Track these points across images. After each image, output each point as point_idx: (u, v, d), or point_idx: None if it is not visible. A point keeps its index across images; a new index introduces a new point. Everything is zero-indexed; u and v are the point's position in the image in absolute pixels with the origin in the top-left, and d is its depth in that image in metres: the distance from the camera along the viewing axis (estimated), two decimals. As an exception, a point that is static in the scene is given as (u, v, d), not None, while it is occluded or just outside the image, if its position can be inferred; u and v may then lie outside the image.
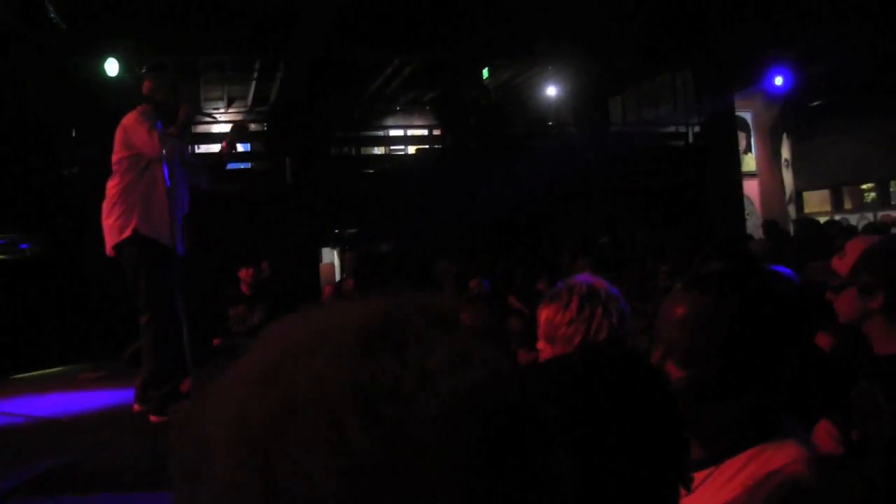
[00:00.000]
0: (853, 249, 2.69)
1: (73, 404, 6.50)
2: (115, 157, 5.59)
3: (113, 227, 5.45)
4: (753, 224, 16.43)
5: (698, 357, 1.66)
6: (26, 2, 10.59)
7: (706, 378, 1.65)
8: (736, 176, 15.69)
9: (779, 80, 14.36)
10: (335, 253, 16.12)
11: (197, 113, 5.86)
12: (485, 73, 16.62)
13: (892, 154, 15.54)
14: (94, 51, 11.56)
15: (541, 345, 2.57)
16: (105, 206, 5.56)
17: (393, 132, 18.85)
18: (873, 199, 17.44)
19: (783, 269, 3.75)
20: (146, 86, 5.91)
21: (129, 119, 5.58)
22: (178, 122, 5.70)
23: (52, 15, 10.90)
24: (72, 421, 5.83)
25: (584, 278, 2.60)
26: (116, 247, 5.45)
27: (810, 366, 3.22)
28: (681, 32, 14.10)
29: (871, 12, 12.48)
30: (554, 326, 2.48)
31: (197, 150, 6.08)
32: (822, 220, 16.55)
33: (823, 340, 3.49)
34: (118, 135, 5.60)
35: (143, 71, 13.68)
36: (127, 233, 5.37)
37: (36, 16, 10.86)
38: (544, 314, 2.54)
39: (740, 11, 13.20)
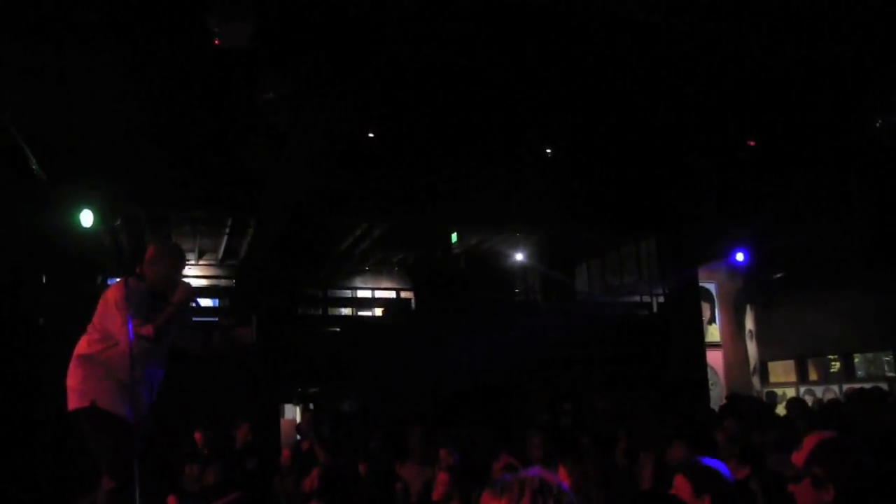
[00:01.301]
0: (808, 443, 2.78)
1: None
2: (94, 319, 5.41)
3: (73, 391, 5.27)
4: (717, 395, 16.48)
5: None
6: (9, 150, 10.75)
7: None
8: (700, 346, 15.85)
9: (740, 256, 14.74)
10: (297, 410, 15.90)
11: (192, 297, 5.63)
12: (453, 237, 16.93)
13: (855, 327, 15.76)
14: (70, 201, 11.67)
15: None
16: (71, 364, 5.36)
17: (361, 293, 18.98)
18: (838, 371, 17.58)
19: (712, 462, 3.81)
20: (147, 255, 5.59)
21: (110, 293, 5.34)
22: (169, 311, 5.33)
23: (34, 166, 11.06)
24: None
25: (535, 472, 2.58)
26: (76, 412, 5.24)
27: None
28: (644, 205, 14.54)
29: (829, 189, 12.98)
30: None
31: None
32: (788, 391, 16.69)
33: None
34: (100, 303, 5.39)
35: (118, 223, 13.91)
36: (85, 402, 5.18)
37: (17, 164, 11.01)
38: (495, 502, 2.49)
39: (701, 189, 13.67)
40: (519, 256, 18.68)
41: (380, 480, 7.29)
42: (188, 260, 18.71)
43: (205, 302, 16.96)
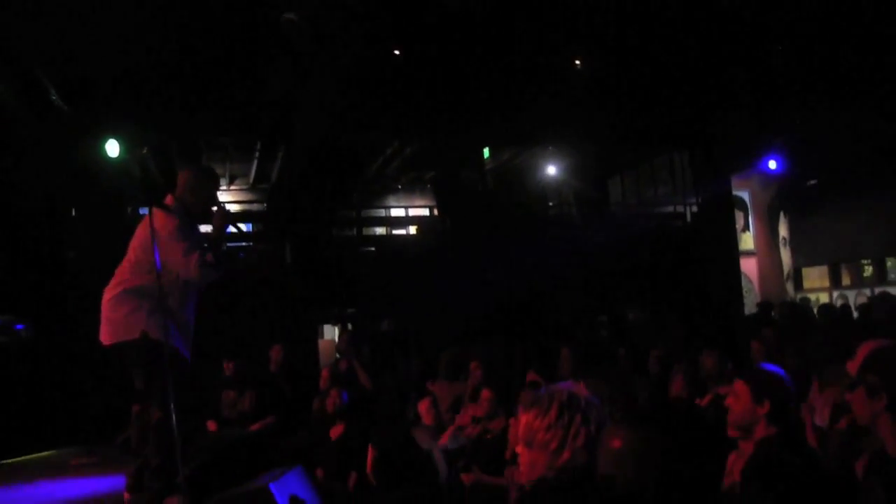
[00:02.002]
0: (861, 352, 2.82)
1: (66, 491, 6.39)
2: (132, 254, 5.30)
3: (117, 323, 5.20)
4: (752, 302, 16.43)
5: (633, 486, 1.75)
6: (27, 83, 10.73)
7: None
8: (734, 255, 15.74)
9: (773, 164, 14.51)
10: (336, 329, 16.12)
11: (230, 222, 5.49)
12: (485, 153, 16.81)
13: (888, 231, 15.69)
14: (95, 132, 11.66)
15: (519, 448, 2.61)
16: (110, 296, 5.28)
17: (394, 212, 18.97)
18: (871, 275, 17.50)
19: (774, 368, 3.79)
20: (181, 181, 5.50)
21: (161, 225, 5.11)
22: (213, 238, 5.35)
23: (54, 97, 11.05)
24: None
25: (565, 385, 2.65)
26: (121, 345, 5.19)
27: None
28: (677, 116, 14.29)
29: (863, 95, 12.67)
30: (532, 431, 2.53)
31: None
32: (822, 296, 16.63)
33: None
34: (142, 233, 5.24)
35: (145, 151, 13.93)
36: (134, 334, 5.10)
37: (37, 97, 11.00)
38: (524, 419, 2.59)
39: (735, 96, 13.39)
40: (552, 171, 18.51)
41: (407, 399, 7.38)
42: (220, 185, 18.80)
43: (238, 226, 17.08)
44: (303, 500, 3.80)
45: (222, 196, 18.59)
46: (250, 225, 17.13)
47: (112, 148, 11.57)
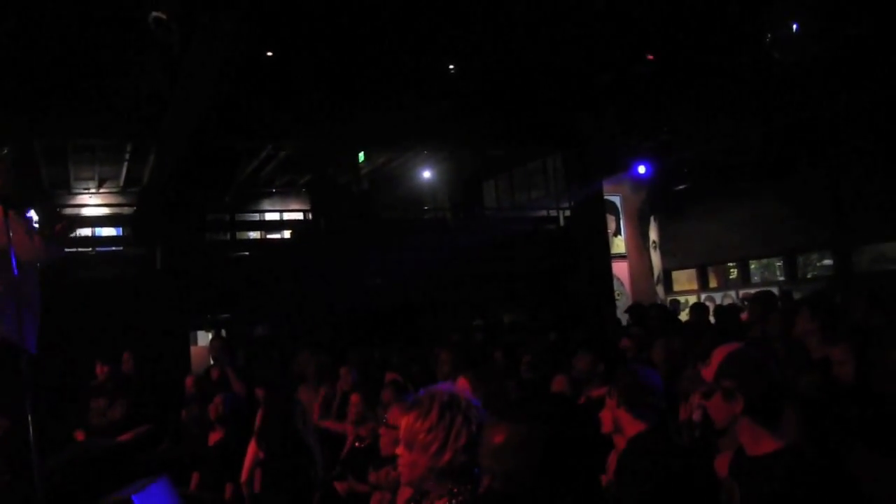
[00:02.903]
0: (715, 356, 2.90)
1: None
2: None
3: None
4: (624, 305, 16.91)
5: (513, 479, 1.77)
6: None
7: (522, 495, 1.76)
8: (606, 258, 16.16)
9: (642, 169, 15.01)
10: (210, 336, 15.81)
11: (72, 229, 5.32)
12: (361, 157, 16.80)
13: (751, 234, 16.38)
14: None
15: (400, 450, 2.63)
16: None
17: (269, 216, 18.75)
18: (736, 277, 18.23)
19: (649, 372, 3.99)
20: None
21: None
22: (57, 231, 5.16)
23: None
24: None
25: (445, 387, 2.70)
26: None
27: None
28: (550, 119, 14.60)
29: (729, 101, 13.23)
30: (414, 433, 2.56)
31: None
32: (691, 298, 17.23)
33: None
34: None
35: (5, 152, 13.34)
36: None
37: None
38: (405, 421, 2.62)
39: (605, 99, 13.77)
40: (427, 175, 18.65)
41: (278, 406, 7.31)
42: (89, 188, 18.22)
43: (108, 231, 16.60)
44: (169, 510, 3.73)
45: (91, 199, 18.13)
46: (120, 229, 16.65)
47: (-28, 147, 11.06)
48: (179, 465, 6.72)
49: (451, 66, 13.10)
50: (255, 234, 17.50)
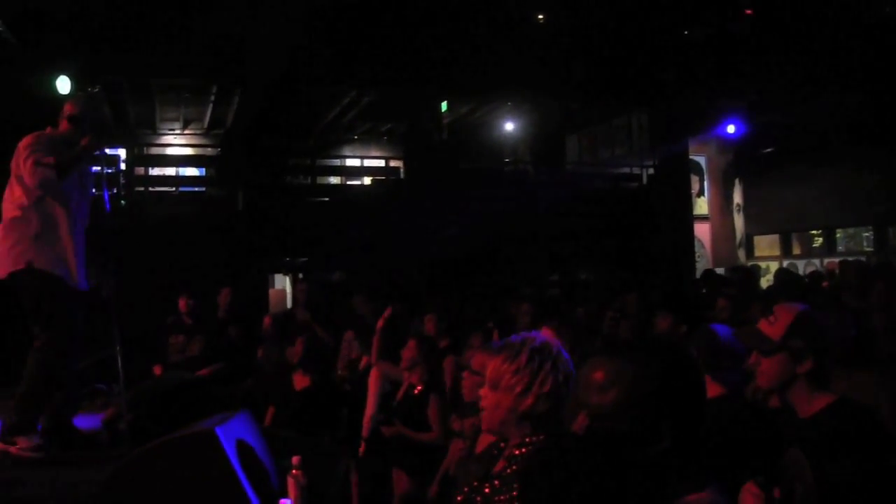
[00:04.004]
0: (783, 315, 2.76)
1: None
2: (12, 179, 5.20)
3: (7, 255, 5.07)
4: (703, 266, 16.61)
5: (613, 417, 1.76)
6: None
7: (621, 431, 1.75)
8: (688, 219, 15.86)
9: (731, 129, 14.59)
10: (287, 279, 15.98)
11: (97, 147, 5.34)
12: (443, 106, 16.67)
13: (839, 203, 15.91)
14: (47, 68, 11.41)
15: (484, 391, 2.60)
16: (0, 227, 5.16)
17: (349, 162, 18.78)
18: (821, 246, 17.77)
19: (719, 328, 3.81)
20: (68, 108, 5.49)
21: (22, 141, 5.20)
22: (68, 154, 5.19)
23: (2, 29, 10.73)
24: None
25: (538, 334, 2.63)
26: (11, 275, 5.07)
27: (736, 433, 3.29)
28: (637, 77, 14.28)
29: (825, 66, 12.75)
30: (500, 373, 2.52)
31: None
32: (772, 264, 16.86)
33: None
34: (14, 158, 5.19)
35: (97, 90, 13.58)
36: (21, 265, 5.02)
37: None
38: (493, 362, 2.57)
39: (697, 60, 13.40)
40: (509, 127, 18.43)
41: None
42: (174, 129, 18.46)
43: (191, 171, 16.83)
44: (250, 445, 3.73)
45: (176, 139, 18.39)
46: (203, 169, 16.88)
47: (63, 84, 11.32)
48: (255, 403, 6.78)
49: (541, 17, 12.86)
50: (335, 180, 17.54)
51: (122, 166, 13.98)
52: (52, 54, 11.33)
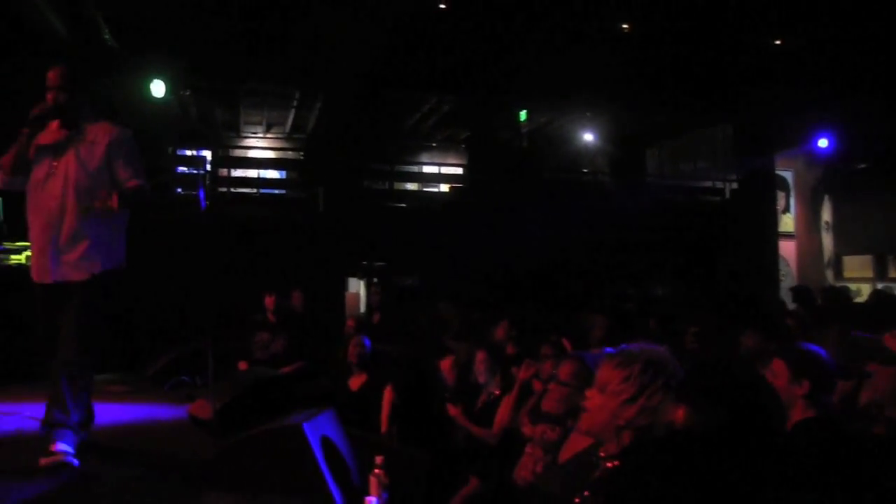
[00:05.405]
0: None
1: (104, 416, 6.28)
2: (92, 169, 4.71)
3: (98, 251, 4.68)
4: (788, 286, 16.23)
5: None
6: (79, 20, 10.73)
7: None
8: (772, 236, 15.52)
9: (823, 142, 14.21)
10: (361, 284, 16.10)
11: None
12: (522, 115, 16.63)
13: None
14: (142, 72, 11.72)
15: (591, 392, 2.58)
16: (75, 225, 4.65)
17: (427, 169, 18.86)
18: (919, 270, 17.10)
19: (814, 348, 3.64)
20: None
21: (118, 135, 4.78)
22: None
23: (107, 36, 11.06)
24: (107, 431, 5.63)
25: (658, 347, 2.61)
26: (97, 277, 4.65)
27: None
28: (723, 87, 14.04)
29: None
30: (609, 378, 2.50)
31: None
32: (863, 286, 16.27)
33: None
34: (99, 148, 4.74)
35: (187, 94, 13.92)
36: (97, 268, 4.66)
37: (88, 34, 11.00)
38: (605, 366, 2.56)
39: (785, 71, 13.11)
40: (588, 137, 18.29)
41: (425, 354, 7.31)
42: (256, 132, 18.81)
43: (272, 173, 17.13)
44: (334, 442, 3.75)
45: (258, 143, 18.74)
46: (284, 172, 17.17)
47: (157, 88, 11.62)
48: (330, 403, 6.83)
49: (626, 26, 12.74)
50: (412, 186, 17.64)
51: (208, 167, 14.32)
52: (149, 58, 11.64)
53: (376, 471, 3.44)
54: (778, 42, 12.38)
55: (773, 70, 13.31)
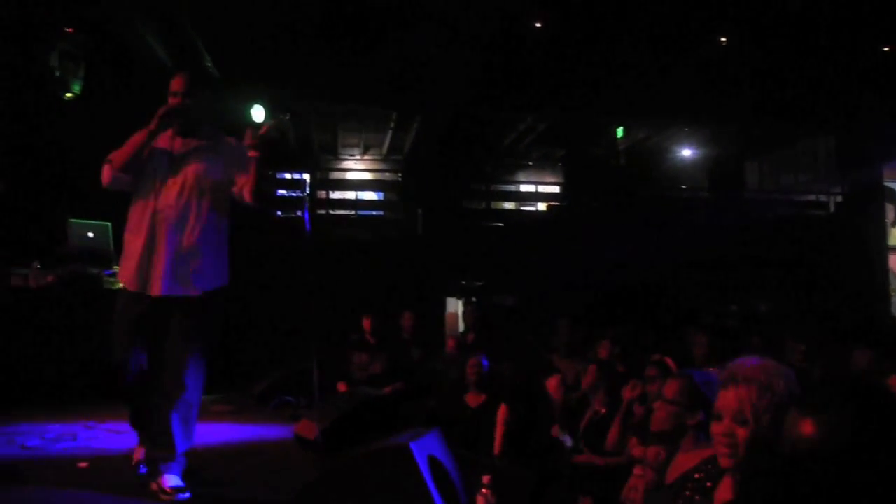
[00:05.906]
0: None
1: (209, 436, 6.44)
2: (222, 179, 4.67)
3: (211, 267, 4.59)
4: (899, 303, 15.66)
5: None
6: (181, 48, 11.09)
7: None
8: (882, 250, 15.02)
9: (931, 152, 13.72)
10: (459, 303, 16.17)
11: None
12: (619, 132, 16.52)
13: None
14: (242, 97, 12.02)
15: (723, 426, 2.45)
16: (202, 238, 4.54)
17: (524, 187, 18.87)
18: None
19: None
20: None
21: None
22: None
23: (208, 63, 11.41)
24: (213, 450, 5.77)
25: (787, 370, 2.51)
26: (207, 295, 4.53)
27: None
28: (825, 98, 13.68)
29: None
30: (749, 405, 2.38)
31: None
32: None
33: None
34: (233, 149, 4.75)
35: (287, 117, 14.23)
36: (221, 281, 4.62)
37: (190, 61, 11.36)
38: (735, 393, 2.42)
39: (887, 79, 12.72)
40: (686, 152, 18.05)
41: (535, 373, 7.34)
42: (354, 154, 19.12)
43: (369, 195, 17.37)
44: (441, 461, 3.80)
45: (355, 164, 19.05)
46: (382, 193, 17.39)
47: (258, 113, 11.87)
48: (437, 422, 6.90)
49: (723, 39, 12.57)
50: (510, 205, 17.67)
51: (308, 190, 14.62)
52: (246, 85, 11.94)
53: (483, 490, 3.47)
54: (886, 49, 12.00)
55: (878, 77, 12.92)
